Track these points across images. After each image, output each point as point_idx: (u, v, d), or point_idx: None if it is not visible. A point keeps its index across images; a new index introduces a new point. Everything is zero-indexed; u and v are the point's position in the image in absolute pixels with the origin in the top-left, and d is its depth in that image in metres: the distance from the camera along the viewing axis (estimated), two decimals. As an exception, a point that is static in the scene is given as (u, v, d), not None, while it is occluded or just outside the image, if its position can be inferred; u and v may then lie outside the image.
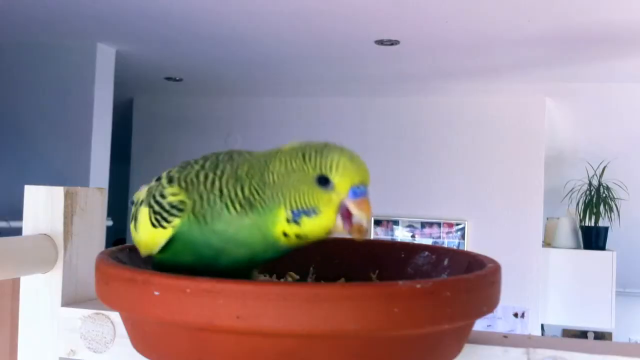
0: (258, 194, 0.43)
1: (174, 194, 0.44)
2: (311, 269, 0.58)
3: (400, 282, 0.37)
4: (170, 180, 0.46)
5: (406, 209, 4.10)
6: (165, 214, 0.44)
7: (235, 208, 0.43)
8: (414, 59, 3.39)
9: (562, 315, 3.96)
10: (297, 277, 0.56)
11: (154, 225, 0.45)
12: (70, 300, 0.61)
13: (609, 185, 3.92)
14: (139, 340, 0.44)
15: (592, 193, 3.93)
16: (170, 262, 0.46)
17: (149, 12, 2.77)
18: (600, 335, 4.01)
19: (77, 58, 3.30)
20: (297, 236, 0.43)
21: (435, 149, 4.02)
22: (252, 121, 4.53)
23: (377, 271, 0.56)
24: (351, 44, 3.14)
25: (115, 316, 0.57)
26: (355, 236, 0.42)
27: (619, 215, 3.89)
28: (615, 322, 3.82)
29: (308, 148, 0.44)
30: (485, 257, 0.48)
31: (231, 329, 0.36)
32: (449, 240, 4.07)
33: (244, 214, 0.43)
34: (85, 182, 3.23)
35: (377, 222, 4.14)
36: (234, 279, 0.38)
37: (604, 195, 3.92)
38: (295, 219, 0.42)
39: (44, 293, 0.61)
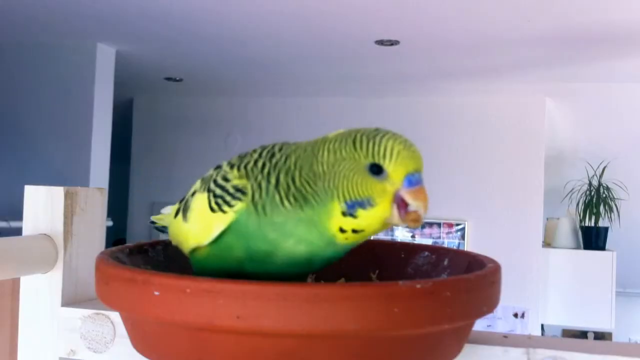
0: (309, 185, 0.41)
1: (238, 178, 0.42)
2: (311, 269, 0.58)
3: (400, 282, 0.37)
4: (231, 166, 0.44)
5: (406, 209, 4.09)
6: (228, 197, 0.42)
7: (289, 201, 0.41)
8: (414, 59, 3.39)
9: (562, 315, 3.96)
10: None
11: (212, 210, 0.42)
12: (70, 300, 0.61)
13: (609, 186, 3.92)
14: (139, 340, 0.44)
15: (592, 193, 3.93)
16: (216, 262, 0.43)
17: (149, 12, 2.77)
18: (600, 335, 4.01)
19: (77, 58, 3.30)
20: (354, 231, 0.41)
21: (435, 149, 4.02)
22: (252, 121, 4.53)
23: (377, 271, 0.56)
24: (351, 44, 3.14)
25: (115, 316, 0.57)
26: (411, 226, 0.41)
27: (619, 215, 3.89)
28: (615, 322, 3.82)
29: (358, 134, 0.41)
30: (485, 257, 0.48)
31: (231, 329, 0.36)
32: (449, 241, 4.07)
33: (298, 207, 0.41)
34: (85, 182, 3.23)
35: (377, 222, 4.13)
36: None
37: (604, 195, 3.92)
38: (350, 212, 0.40)
39: (44, 293, 0.61)
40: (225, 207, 0.41)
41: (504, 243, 3.90)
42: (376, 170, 0.40)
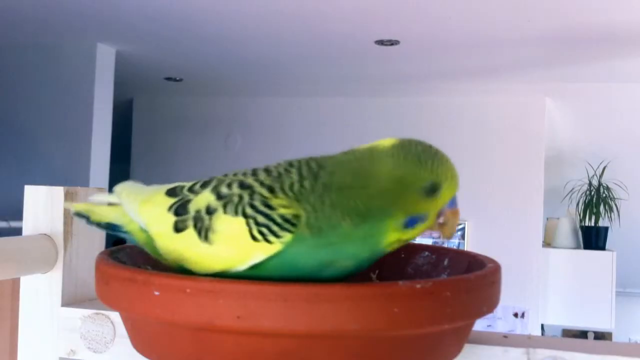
0: (371, 202, 0.41)
1: (285, 207, 0.40)
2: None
3: (400, 282, 0.37)
4: (270, 190, 0.41)
5: (406, 209, 4.09)
6: (275, 227, 0.40)
7: (345, 220, 0.40)
8: (414, 59, 3.40)
9: (562, 315, 3.96)
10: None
11: (254, 239, 0.40)
12: (70, 300, 0.61)
13: (609, 185, 3.92)
14: (139, 340, 0.44)
15: (592, 193, 3.93)
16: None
17: (149, 12, 2.77)
18: (600, 335, 4.01)
19: (77, 58, 3.30)
20: (403, 241, 0.43)
21: (435, 149, 4.02)
22: (252, 121, 4.53)
23: (377, 271, 0.56)
24: (351, 44, 3.14)
25: (115, 316, 0.57)
26: (445, 238, 0.44)
27: (619, 215, 3.89)
28: (615, 322, 3.82)
29: (421, 150, 0.42)
30: (485, 257, 0.48)
31: (231, 329, 0.36)
32: (449, 240, 4.07)
33: (357, 224, 0.40)
34: (85, 182, 3.23)
35: (377, 222, 4.14)
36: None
37: (604, 195, 3.92)
38: (408, 226, 0.42)
39: (44, 293, 0.61)
40: (272, 238, 0.40)
41: (504, 243, 3.89)
42: (434, 188, 0.42)
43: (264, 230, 0.40)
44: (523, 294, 3.84)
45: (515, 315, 3.90)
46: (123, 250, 0.50)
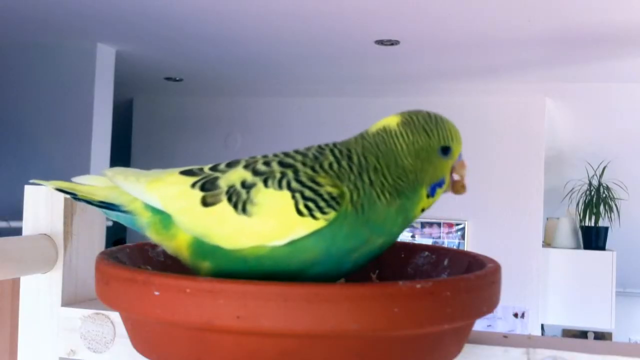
0: (402, 180, 0.44)
1: (331, 185, 0.41)
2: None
3: (400, 282, 0.37)
4: (312, 169, 0.42)
5: (406, 209, 4.09)
6: (322, 203, 0.40)
7: (385, 196, 0.43)
8: (414, 59, 3.39)
9: (562, 315, 3.96)
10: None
11: (300, 213, 0.40)
12: (70, 300, 0.61)
13: (609, 185, 3.92)
14: (139, 340, 0.44)
15: (592, 193, 3.93)
16: (274, 264, 0.41)
17: (149, 12, 2.77)
18: (600, 335, 4.01)
19: (77, 58, 3.30)
20: (428, 207, 0.46)
21: (435, 149, 4.02)
22: (252, 121, 4.53)
23: (377, 271, 0.56)
24: (351, 44, 3.14)
25: (115, 316, 0.57)
26: (458, 193, 0.47)
27: (619, 215, 3.88)
28: (615, 322, 3.82)
29: (423, 122, 0.45)
30: (485, 257, 0.48)
31: (231, 329, 0.36)
32: (449, 240, 4.07)
33: (393, 201, 0.43)
34: (85, 182, 3.22)
35: (377, 222, 4.14)
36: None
37: (604, 195, 3.92)
38: (432, 193, 0.45)
39: (44, 293, 0.61)
40: (317, 213, 0.40)
41: (504, 243, 3.89)
42: (445, 151, 0.46)
43: (311, 205, 0.40)
44: (523, 294, 3.84)
45: (515, 315, 3.90)
46: (123, 251, 0.50)
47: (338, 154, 0.44)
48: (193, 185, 0.44)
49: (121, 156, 4.44)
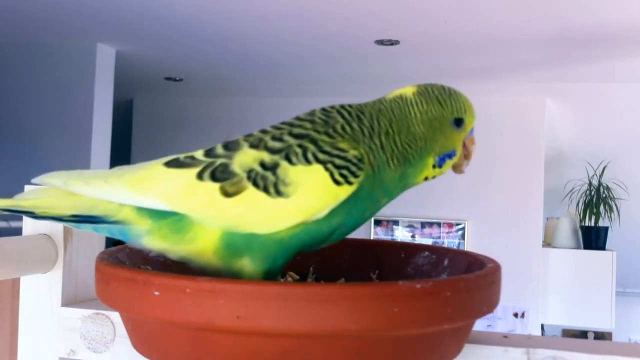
0: (410, 147, 0.44)
1: (353, 147, 0.42)
2: (311, 269, 0.58)
3: (400, 282, 0.37)
4: (327, 134, 0.42)
5: (406, 209, 4.10)
6: (353, 168, 0.41)
7: (394, 161, 0.43)
8: (414, 59, 3.39)
9: (562, 315, 3.96)
10: (297, 277, 0.56)
11: (337, 182, 0.40)
12: (70, 300, 0.61)
13: (609, 185, 3.92)
14: (139, 340, 0.44)
15: (592, 193, 3.93)
16: (306, 237, 0.41)
17: (149, 12, 2.77)
18: (600, 335, 4.01)
19: (77, 58, 3.30)
20: (433, 177, 0.46)
21: (435, 149, 4.02)
22: (252, 121, 4.53)
23: (377, 271, 0.56)
24: (351, 44, 3.14)
25: (115, 316, 0.57)
26: (457, 171, 0.48)
27: (619, 215, 3.89)
28: (615, 322, 3.82)
29: (438, 93, 0.46)
30: (485, 257, 0.48)
31: (231, 329, 0.36)
32: (449, 240, 4.07)
33: (400, 166, 0.44)
34: (85, 182, 3.22)
35: (377, 222, 4.14)
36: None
37: (604, 195, 3.92)
38: (440, 164, 0.46)
39: (44, 293, 0.61)
40: (352, 178, 0.41)
41: (504, 243, 3.89)
42: (458, 123, 0.46)
43: (345, 172, 0.41)
44: (523, 294, 3.84)
45: (515, 315, 3.90)
46: (123, 251, 0.50)
47: (347, 115, 0.44)
48: (199, 176, 0.41)
49: (121, 156, 4.43)
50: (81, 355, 0.59)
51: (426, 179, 0.46)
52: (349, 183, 0.40)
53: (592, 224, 3.93)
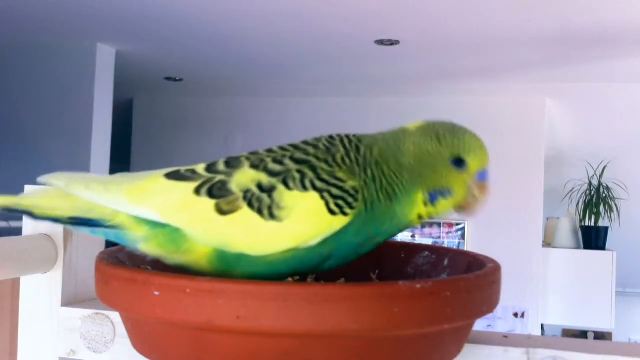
0: (397, 177, 0.43)
1: (350, 179, 0.41)
2: (311, 269, 0.58)
3: (400, 282, 0.37)
4: (327, 163, 0.42)
5: (406, 209, 4.09)
6: (350, 199, 0.40)
7: (382, 194, 0.42)
8: (414, 59, 3.39)
9: (562, 315, 3.96)
10: (297, 277, 0.56)
11: (332, 212, 0.40)
12: (70, 300, 0.61)
13: (609, 185, 3.92)
14: (139, 340, 0.44)
15: (592, 193, 3.93)
16: (297, 263, 0.41)
17: (149, 12, 2.77)
18: (600, 335, 4.01)
19: (77, 58, 3.30)
20: (429, 217, 0.44)
21: (435, 149, 4.01)
22: (252, 121, 4.53)
23: (377, 271, 0.56)
24: (351, 44, 3.14)
25: (115, 316, 0.57)
26: (460, 211, 0.45)
27: (619, 215, 3.89)
28: (615, 322, 3.82)
29: (441, 130, 0.44)
30: (485, 257, 0.48)
31: (231, 329, 0.36)
32: (449, 240, 4.07)
33: (388, 199, 0.42)
34: (85, 182, 3.22)
35: (377, 222, 4.14)
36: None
37: (604, 195, 3.92)
38: (432, 201, 0.43)
39: (44, 293, 0.61)
40: (347, 209, 0.40)
41: (504, 243, 3.89)
42: (459, 163, 0.44)
43: (340, 202, 0.40)
44: (523, 294, 3.84)
45: (515, 315, 3.90)
46: (123, 251, 0.50)
47: (348, 145, 0.43)
48: (197, 191, 0.41)
49: (121, 156, 4.43)
50: (81, 355, 0.59)
51: (421, 218, 0.44)
52: (344, 214, 0.40)
53: (592, 224, 3.93)
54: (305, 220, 0.40)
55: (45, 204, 0.43)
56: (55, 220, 0.43)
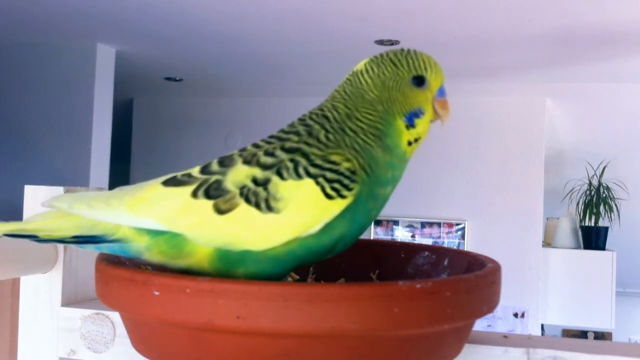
0: (372, 114, 0.43)
1: (346, 160, 0.41)
2: (311, 269, 0.58)
3: (400, 282, 0.37)
4: (318, 147, 0.41)
5: (406, 209, 4.10)
6: (346, 181, 0.40)
7: (370, 138, 0.42)
8: (414, 59, 3.39)
9: (562, 315, 3.96)
10: (297, 277, 0.56)
11: (328, 197, 0.39)
12: (70, 300, 0.61)
13: (609, 185, 3.92)
14: (139, 340, 0.44)
15: (592, 193, 3.93)
16: (303, 253, 0.41)
17: (149, 12, 2.77)
18: (600, 335, 4.01)
19: (77, 58, 3.30)
20: (416, 140, 0.44)
21: (435, 149, 4.03)
22: (252, 121, 4.53)
23: (377, 271, 0.56)
24: (351, 43, 3.14)
25: (115, 316, 0.57)
26: (441, 119, 0.46)
27: (619, 215, 3.89)
28: (615, 322, 3.82)
29: (392, 55, 0.45)
30: (485, 257, 0.48)
31: (231, 329, 0.36)
32: (449, 240, 4.07)
33: (377, 141, 0.42)
34: (85, 182, 3.23)
35: (377, 222, 4.14)
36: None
37: (604, 195, 3.92)
38: (410, 123, 0.44)
39: (44, 293, 0.61)
40: (345, 192, 0.40)
41: (504, 243, 3.89)
42: (420, 81, 0.44)
43: (336, 185, 0.40)
44: (523, 294, 3.84)
45: (515, 315, 3.90)
46: (123, 250, 0.49)
47: (318, 119, 0.44)
48: (194, 194, 0.41)
49: (121, 156, 4.43)
50: (81, 355, 0.59)
51: (410, 144, 0.44)
52: (342, 197, 0.40)
53: (592, 224, 3.93)
54: (303, 209, 0.39)
55: (49, 226, 0.44)
56: (60, 241, 0.44)
